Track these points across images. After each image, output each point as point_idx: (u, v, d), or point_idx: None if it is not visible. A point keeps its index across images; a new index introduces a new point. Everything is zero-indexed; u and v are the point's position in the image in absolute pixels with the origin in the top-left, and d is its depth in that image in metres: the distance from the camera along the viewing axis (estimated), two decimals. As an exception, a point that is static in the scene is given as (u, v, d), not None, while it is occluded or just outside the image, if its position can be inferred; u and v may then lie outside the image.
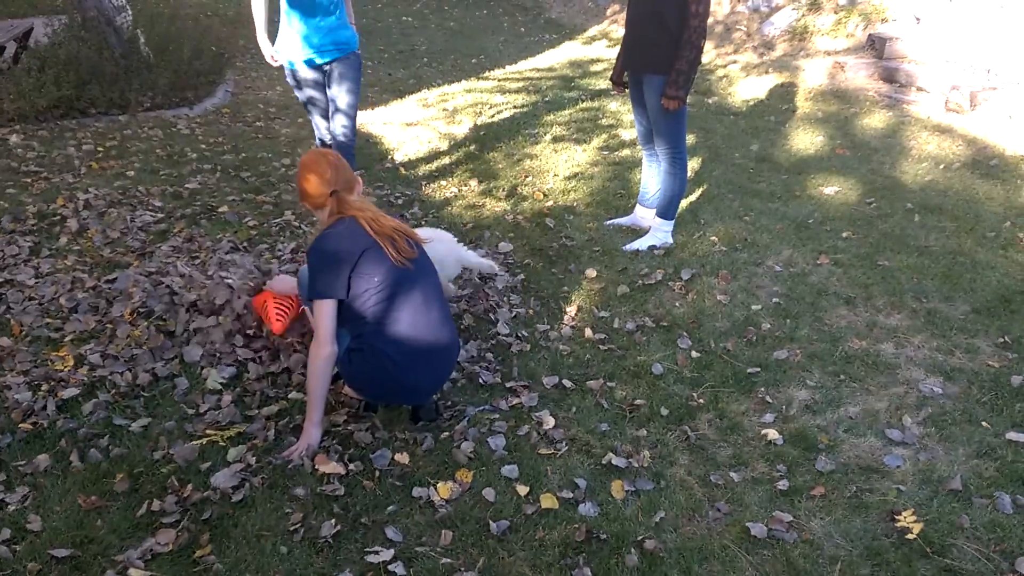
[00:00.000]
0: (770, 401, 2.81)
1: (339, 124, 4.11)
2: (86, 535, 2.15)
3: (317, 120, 4.20)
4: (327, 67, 4.00)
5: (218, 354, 2.91)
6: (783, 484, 2.40)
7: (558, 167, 5.06)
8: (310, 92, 4.08)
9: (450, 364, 2.63)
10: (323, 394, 2.45)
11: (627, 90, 3.93)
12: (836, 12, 7.05)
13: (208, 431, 2.55)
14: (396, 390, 2.55)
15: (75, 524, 2.18)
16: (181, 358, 2.89)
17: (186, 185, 4.64)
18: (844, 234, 4.09)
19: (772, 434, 2.62)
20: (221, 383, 2.78)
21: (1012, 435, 2.61)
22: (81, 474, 2.36)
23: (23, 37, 7.76)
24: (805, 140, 5.51)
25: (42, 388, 2.71)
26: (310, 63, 3.96)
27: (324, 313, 2.38)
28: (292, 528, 2.19)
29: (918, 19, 6.54)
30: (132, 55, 6.33)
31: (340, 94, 4.04)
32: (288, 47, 3.94)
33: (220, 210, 4.28)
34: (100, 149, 5.24)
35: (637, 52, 3.69)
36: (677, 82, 3.51)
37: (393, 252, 2.42)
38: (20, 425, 2.54)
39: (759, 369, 2.98)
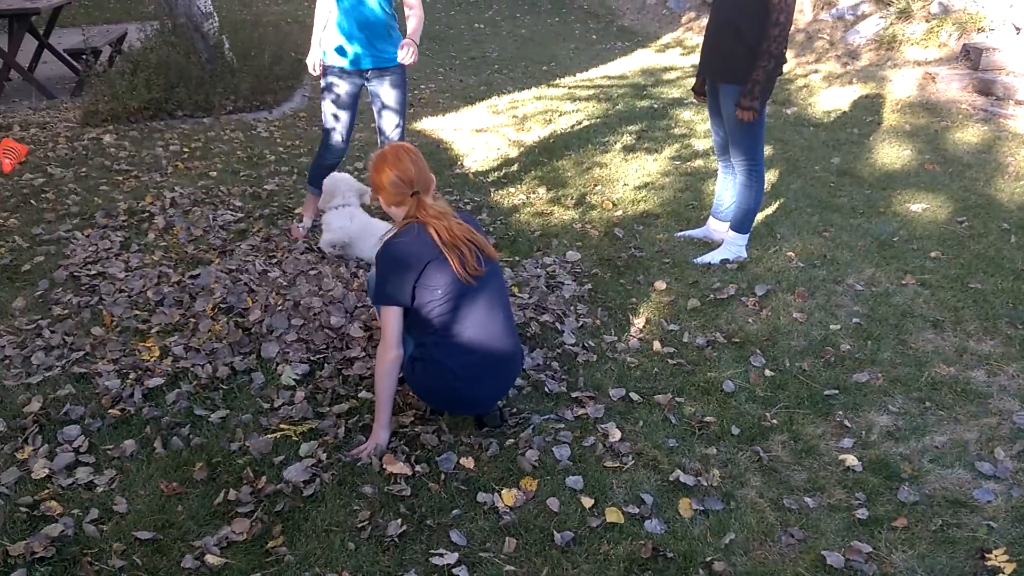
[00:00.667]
0: (849, 425, 2.71)
1: (391, 123, 3.93)
2: (167, 519, 2.23)
3: (333, 134, 3.93)
4: (369, 75, 3.84)
5: (292, 351, 2.98)
6: (862, 513, 2.31)
7: (628, 176, 5.02)
8: (341, 99, 3.86)
9: (512, 375, 2.62)
10: (390, 397, 2.47)
11: (707, 99, 3.88)
12: (928, 20, 6.79)
13: (282, 425, 2.61)
14: (457, 401, 2.56)
15: (157, 508, 2.27)
16: (258, 353, 2.97)
17: (264, 186, 4.78)
18: (932, 254, 3.92)
19: (851, 460, 2.53)
20: (295, 379, 2.84)
21: (1113, 473, 2.45)
22: (164, 461, 2.46)
23: (117, 42, 8.16)
24: (891, 154, 5.31)
25: (130, 376, 2.83)
26: (353, 65, 3.80)
27: (390, 318, 2.39)
28: (360, 525, 2.22)
29: (1018, 29, 6.24)
30: (217, 60, 6.58)
31: (387, 96, 3.88)
32: (332, 46, 3.79)
33: (296, 211, 4.39)
34: (186, 150, 5.45)
35: (714, 61, 3.64)
36: (752, 92, 3.43)
37: (459, 267, 2.37)
38: (109, 411, 2.66)
39: (837, 391, 2.88)
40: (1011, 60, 6.03)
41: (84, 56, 7.00)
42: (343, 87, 3.86)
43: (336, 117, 3.92)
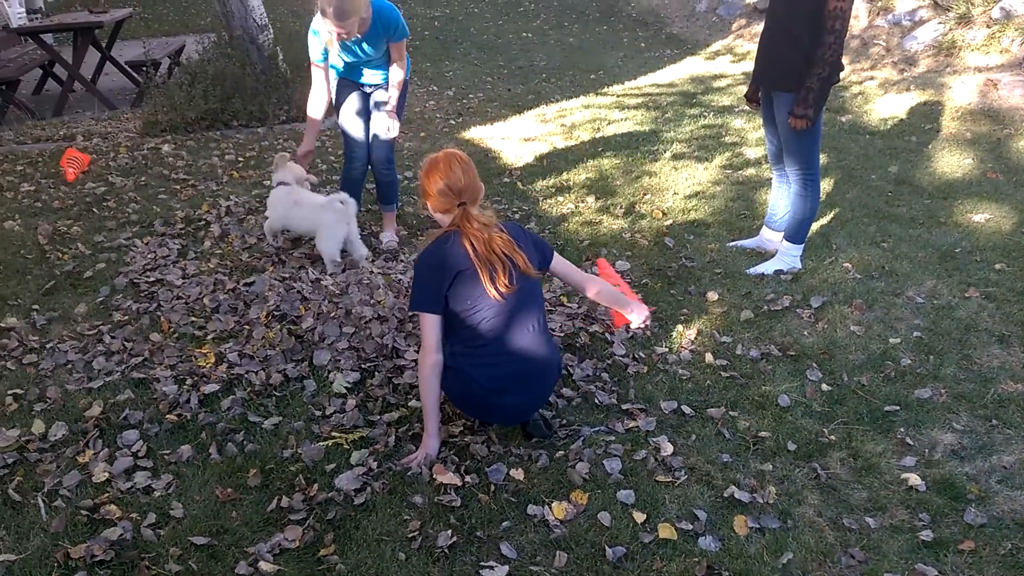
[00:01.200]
0: (911, 443, 2.62)
1: (381, 125, 3.97)
2: (222, 525, 2.26)
3: (353, 144, 4.03)
4: (371, 91, 3.96)
5: (344, 359, 3.00)
6: (926, 535, 2.23)
7: (678, 185, 4.96)
8: (354, 107, 3.95)
9: (544, 387, 2.57)
10: (434, 402, 2.47)
11: (760, 107, 3.81)
12: (989, 26, 6.58)
13: (333, 433, 2.63)
14: (487, 410, 2.57)
15: (212, 514, 2.30)
16: (310, 361, 3.00)
17: (317, 195, 4.85)
18: (997, 266, 3.78)
19: (913, 479, 2.44)
20: (346, 387, 2.87)
21: None
22: (219, 466, 2.49)
23: (176, 54, 8.39)
24: (951, 162, 5.15)
25: (186, 382, 2.89)
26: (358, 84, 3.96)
27: (425, 324, 2.41)
28: (410, 535, 2.22)
29: (1084, 34, 6.01)
30: (271, 71, 6.70)
31: (380, 119, 3.96)
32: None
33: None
34: (240, 159, 5.57)
35: (768, 67, 3.58)
36: (806, 100, 3.37)
37: (488, 283, 2.35)
38: (167, 416, 2.72)
39: (898, 408, 2.80)
40: (1080, 65, 5.80)
41: (144, 68, 7.21)
42: (352, 94, 3.93)
43: (352, 126, 3.98)
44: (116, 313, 3.42)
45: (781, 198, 3.92)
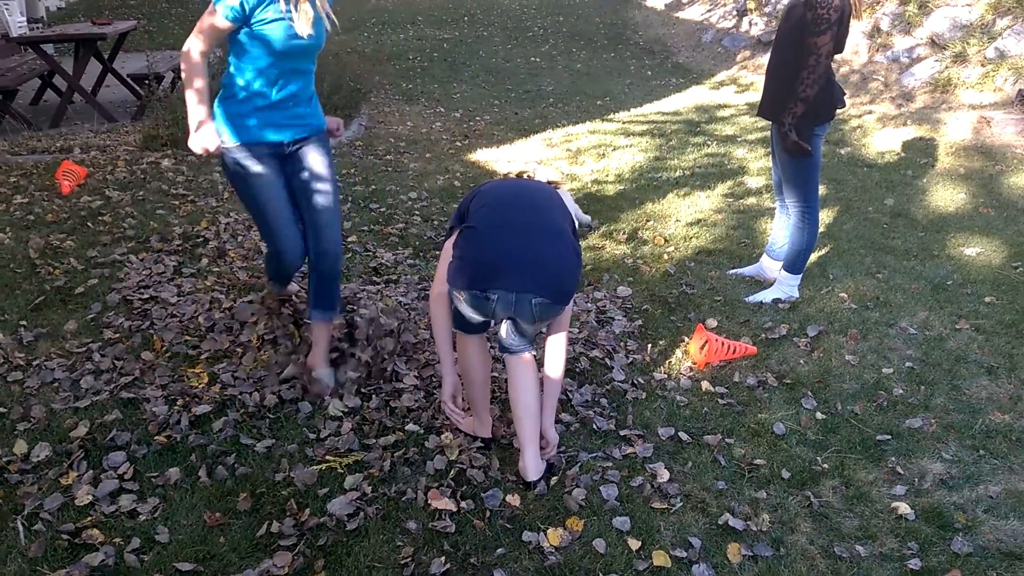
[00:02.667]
0: (901, 472, 2.63)
1: (324, 200, 2.78)
2: (208, 551, 2.21)
3: (284, 233, 2.73)
4: (288, 147, 2.73)
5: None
6: (915, 563, 2.23)
7: (681, 212, 4.98)
8: (266, 186, 2.68)
9: (551, 253, 2.32)
10: (444, 332, 2.52)
11: None
12: (983, 65, 6.67)
13: (327, 457, 2.60)
14: (488, 263, 2.30)
15: (199, 539, 2.25)
16: (306, 383, 2.98)
17: (316, 214, 4.85)
18: (987, 299, 3.81)
19: (903, 508, 2.45)
20: (342, 411, 2.84)
21: None
22: (208, 490, 2.44)
23: (179, 67, 8.41)
24: (945, 197, 5.20)
25: (177, 403, 2.84)
26: (267, 141, 2.67)
27: (443, 253, 2.50)
28: (403, 562, 2.19)
29: (1077, 72, 6.10)
30: (274, 88, 6.69)
31: (314, 187, 2.77)
32: (237, 122, 2.63)
33: (348, 240, 4.44)
34: (241, 176, 5.56)
35: (766, 99, 3.63)
36: (786, 134, 3.42)
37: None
38: (156, 437, 2.66)
39: (889, 437, 2.80)
40: (1073, 102, 5.88)
41: (147, 81, 7.21)
42: (269, 167, 2.69)
43: (279, 209, 2.72)
44: (107, 331, 3.35)
45: (782, 228, 3.94)
